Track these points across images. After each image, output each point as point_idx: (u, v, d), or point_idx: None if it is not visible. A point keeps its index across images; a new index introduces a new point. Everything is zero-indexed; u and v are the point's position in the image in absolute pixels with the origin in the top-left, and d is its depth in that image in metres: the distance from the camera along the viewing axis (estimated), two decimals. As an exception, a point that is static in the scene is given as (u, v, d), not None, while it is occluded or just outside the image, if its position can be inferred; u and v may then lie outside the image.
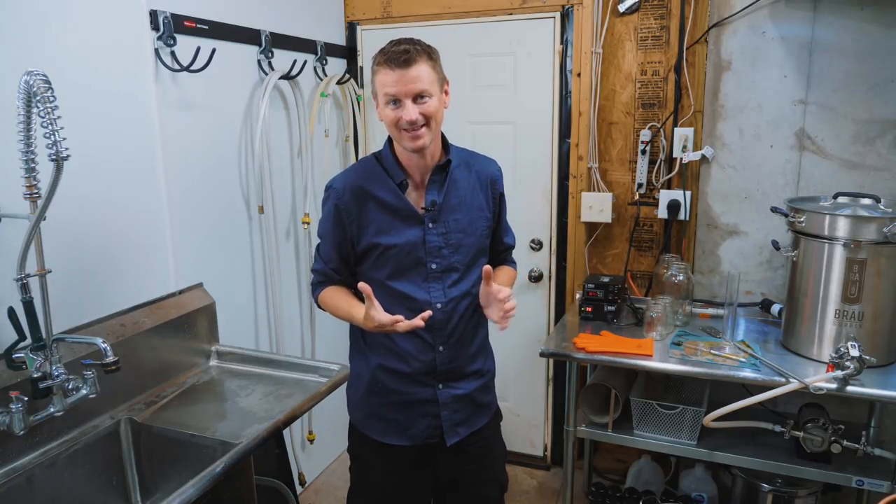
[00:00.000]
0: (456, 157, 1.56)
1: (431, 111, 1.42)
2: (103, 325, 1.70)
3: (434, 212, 1.50)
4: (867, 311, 1.88)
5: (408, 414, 1.58)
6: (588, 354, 2.05)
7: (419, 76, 1.39)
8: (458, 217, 1.53)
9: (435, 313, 1.51)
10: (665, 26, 2.42)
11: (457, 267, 1.54)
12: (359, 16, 2.86)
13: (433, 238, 1.51)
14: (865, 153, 2.20)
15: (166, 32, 1.86)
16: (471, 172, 1.58)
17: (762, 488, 2.15)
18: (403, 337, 1.52)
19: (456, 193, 1.54)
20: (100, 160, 1.70)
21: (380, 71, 1.41)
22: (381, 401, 1.59)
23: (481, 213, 1.58)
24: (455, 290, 1.54)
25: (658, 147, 2.49)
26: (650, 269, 2.60)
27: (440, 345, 1.55)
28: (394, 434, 1.59)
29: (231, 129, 2.21)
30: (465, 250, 1.54)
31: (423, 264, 1.51)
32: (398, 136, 1.44)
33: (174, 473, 1.63)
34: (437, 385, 1.57)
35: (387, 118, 1.43)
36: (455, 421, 1.59)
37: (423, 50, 1.42)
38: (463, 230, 1.54)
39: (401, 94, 1.39)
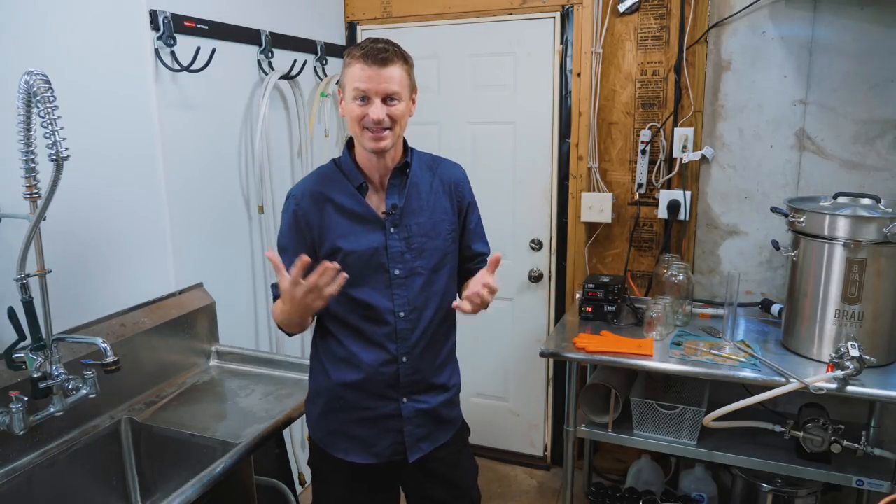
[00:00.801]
0: (417, 160, 1.53)
1: (398, 114, 1.40)
2: (103, 325, 1.70)
3: (395, 215, 1.46)
4: (867, 311, 1.87)
5: (371, 430, 1.50)
6: (588, 354, 2.05)
7: (393, 77, 1.37)
8: (420, 220, 1.48)
9: (398, 322, 1.46)
10: (665, 26, 2.42)
11: (420, 272, 1.48)
12: (359, 16, 2.86)
13: (395, 243, 1.45)
14: (865, 153, 2.20)
15: (166, 32, 1.86)
16: (434, 176, 1.54)
17: (762, 488, 2.15)
18: (364, 348, 1.47)
19: (417, 196, 1.49)
20: (100, 160, 1.71)
21: (353, 65, 1.37)
22: (343, 417, 1.51)
23: (445, 217, 1.52)
24: (420, 297, 1.48)
25: (658, 147, 2.49)
26: (650, 269, 2.60)
27: (403, 355, 1.48)
28: (357, 452, 1.51)
29: (231, 129, 2.21)
30: (429, 254, 1.49)
31: (385, 270, 1.45)
32: (360, 134, 1.40)
33: (174, 473, 1.63)
34: (401, 399, 1.50)
35: (352, 114, 1.39)
36: (418, 436, 1.53)
37: (401, 53, 1.40)
38: (426, 234, 1.48)
39: (371, 92, 1.36)
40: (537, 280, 2.80)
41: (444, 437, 1.58)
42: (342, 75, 1.42)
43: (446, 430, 1.59)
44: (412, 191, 1.49)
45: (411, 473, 1.58)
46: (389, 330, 1.46)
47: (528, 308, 2.84)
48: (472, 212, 1.61)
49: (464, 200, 1.58)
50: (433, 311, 1.51)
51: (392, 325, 1.46)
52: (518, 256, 2.82)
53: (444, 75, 2.77)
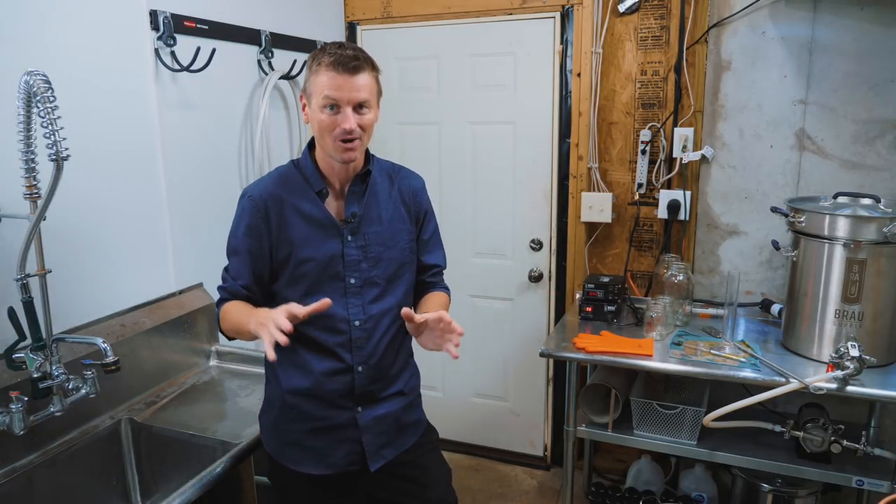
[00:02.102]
0: (377, 167, 1.50)
1: (368, 123, 1.37)
2: (103, 325, 1.70)
3: (354, 224, 1.43)
4: (867, 311, 1.87)
5: (325, 441, 1.46)
6: (588, 354, 2.05)
7: (364, 85, 1.34)
8: (378, 229, 1.45)
9: (353, 331, 1.43)
10: (665, 26, 2.42)
11: (377, 281, 1.45)
12: (359, 16, 2.86)
13: (351, 251, 1.42)
14: (865, 153, 2.20)
15: (166, 32, 1.86)
16: (393, 185, 1.51)
17: (762, 488, 2.16)
18: (317, 357, 1.43)
19: (376, 205, 1.46)
20: (100, 160, 1.71)
21: (321, 72, 1.32)
22: (296, 427, 1.47)
23: (403, 227, 1.50)
24: (375, 306, 1.45)
25: (658, 147, 2.49)
26: (650, 269, 2.60)
27: (359, 364, 1.44)
28: (310, 463, 1.47)
29: (231, 128, 2.21)
30: (386, 264, 1.46)
31: (340, 279, 1.42)
32: (329, 144, 1.36)
33: (174, 473, 1.63)
34: (356, 408, 1.46)
35: (320, 123, 1.34)
36: (379, 444, 1.48)
37: (369, 60, 1.37)
38: (383, 243, 1.46)
39: (342, 101, 1.32)
40: (537, 280, 2.80)
41: (409, 441, 1.55)
42: (307, 82, 1.38)
43: (410, 433, 1.56)
44: (371, 199, 1.46)
45: (378, 481, 1.52)
46: (344, 339, 1.43)
47: (528, 308, 2.84)
48: (428, 222, 1.58)
49: (421, 210, 1.55)
50: (390, 320, 1.47)
51: (347, 334, 1.43)
52: (518, 256, 2.82)
53: (444, 75, 2.77)
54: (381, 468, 1.49)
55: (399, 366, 1.53)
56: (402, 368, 1.55)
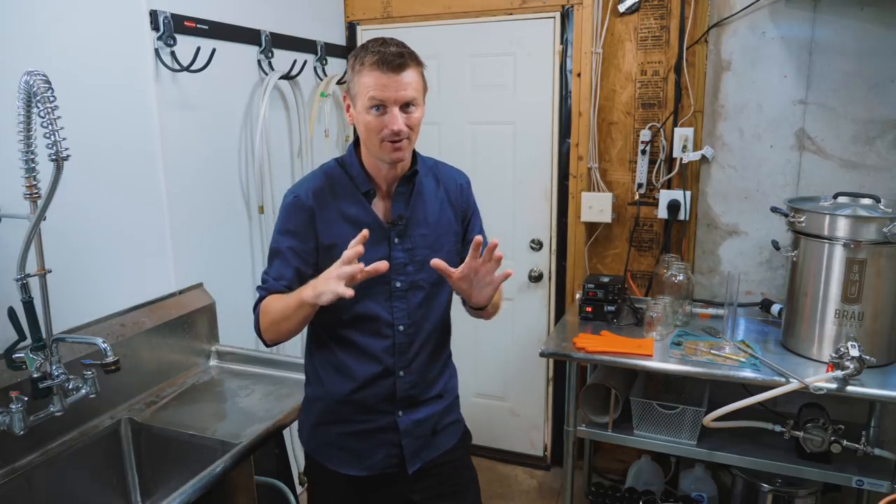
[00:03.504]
0: (423, 166, 1.45)
1: (416, 122, 1.32)
2: (103, 325, 1.70)
3: (401, 226, 1.39)
4: (867, 311, 1.87)
5: (365, 443, 1.45)
6: (588, 354, 2.05)
7: (410, 83, 1.28)
8: (424, 232, 1.41)
9: (397, 336, 1.40)
10: (665, 26, 2.41)
11: (422, 285, 1.42)
12: (359, 16, 2.86)
13: (398, 254, 1.39)
14: (865, 153, 2.20)
15: (166, 32, 1.86)
16: (439, 185, 1.47)
17: (762, 488, 2.15)
18: (359, 362, 1.41)
19: (423, 207, 1.42)
20: (100, 160, 1.71)
21: (366, 72, 1.27)
22: (336, 430, 1.46)
23: (449, 229, 1.46)
24: (420, 310, 1.42)
25: (658, 147, 2.49)
26: (650, 269, 2.60)
27: (401, 369, 1.42)
28: (350, 464, 1.46)
29: (231, 129, 2.21)
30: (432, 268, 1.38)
31: (386, 282, 1.38)
32: (377, 145, 1.31)
33: (174, 473, 1.63)
34: (397, 412, 1.44)
35: (367, 125, 1.30)
36: (417, 447, 1.47)
37: (414, 56, 1.32)
38: (430, 246, 1.41)
39: (389, 101, 1.27)
40: (537, 280, 2.80)
41: (447, 444, 1.54)
42: (351, 82, 1.32)
43: (448, 436, 1.54)
44: (417, 200, 1.42)
45: (414, 483, 1.50)
46: (388, 344, 1.41)
47: (528, 308, 2.84)
48: (476, 220, 1.54)
49: (468, 208, 1.51)
50: (432, 324, 1.46)
51: (391, 339, 1.41)
52: (518, 256, 2.82)
53: (444, 75, 2.77)
54: (418, 471, 1.48)
55: (438, 369, 1.51)
56: (442, 371, 1.52)
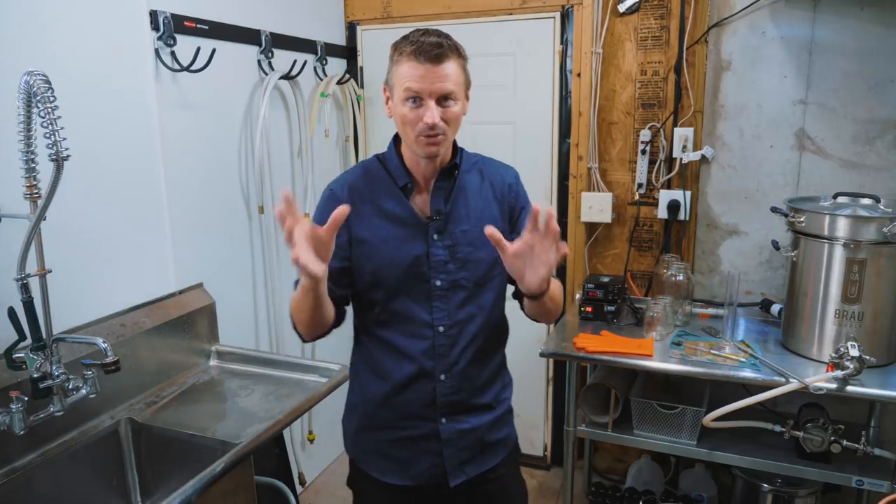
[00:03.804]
0: (466, 161, 1.40)
1: (453, 116, 1.26)
2: (103, 325, 1.70)
3: (440, 221, 1.33)
4: (867, 311, 1.87)
5: (408, 451, 1.40)
6: (588, 354, 2.05)
7: (448, 75, 1.23)
8: (466, 228, 1.35)
9: (436, 337, 1.35)
10: (665, 26, 2.41)
11: (464, 284, 1.35)
12: (359, 16, 2.86)
13: (438, 251, 1.33)
14: (865, 153, 2.20)
15: (166, 32, 1.86)
16: (483, 180, 1.40)
17: (762, 488, 2.15)
18: (398, 364, 1.37)
19: (465, 202, 1.36)
20: (100, 160, 1.71)
21: (403, 62, 1.22)
22: (378, 436, 1.42)
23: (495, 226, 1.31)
24: (462, 311, 1.35)
25: (658, 147, 2.49)
26: (650, 269, 2.60)
27: (441, 373, 1.36)
28: (394, 473, 1.42)
29: (231, 129, 2.21)
30: (474, 266, 1.35)
31: (425, 280, 1.33)
32: (412, 138, 1.27)
33: (174, 473, 1.63)
34: (440, 419, 1.38)
35: (402, 117, 1.25)
36: (461, 459, 1.40)
37: (455, 47, 1.26)
38: (472, 243, 1.34)
39: (425, 93, 1.22)
40: (537, 280, 2.79)
41: (494, 460, 1.46)
42: (389, 73, 1.28)
43: (495, 452, 1.46)
44: (459, 195, 1.36)
45: (456, 499, 1.44)
46: (427, 345, 1.35)
47: (528, 308, 2.83)
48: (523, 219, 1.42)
49: (516, 205, 1.42)
50: (477, 326, 1.38)
51: (430, 340, 1.35)
52: (518, 256, 2.81)
53: (444, 75, 2.77)
54: (462, 485, 1.42)
55: (487, 376, 1.43)
56: (492, 379, 1.45)
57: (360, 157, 2.91)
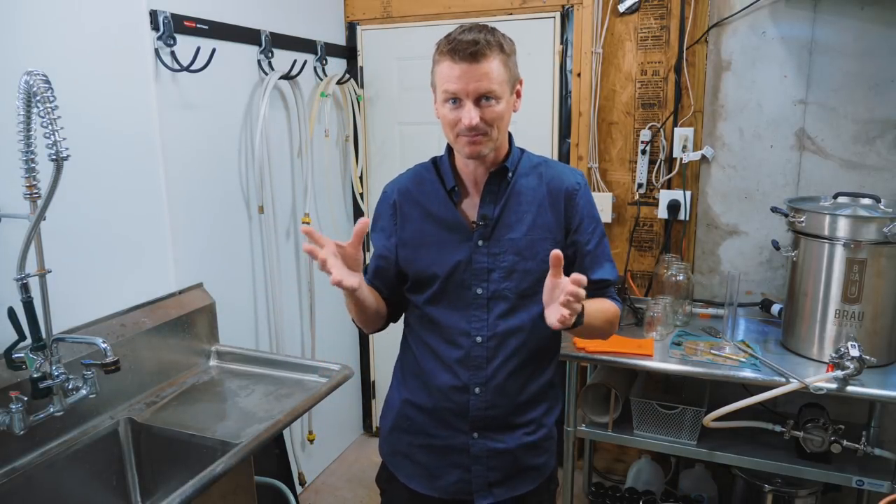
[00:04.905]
0: (526, 163, 1.34)
1: (495, 116, 1.20)
2: (103, 325, 1.70)
3: (486, 227, 1.28)
4: (867, 311, 1.87)
5: (437, 460, 1.36)
6: (588, 354, 2.05)
7: (487, 73, 1.17)
8: (515, 236, 1.28)
9: (473, 348, 1.29)
10: (665, 26, 2.41)
11: (506, 295, 1.29)
12: (359, 16, 2.86)
13: (481, 258, 1.28)
14: (865, 153, 2.20)
15: (166, 32, 1.85)
16: (541, 184, 1.32)
17: (762, 488, 2.15)
18: (436, 370, 1.33)
19: (517, 208, 1.29)
20: (100, 160, 1.70)
21: (441, 62, 1.19)
22: (408, 439, 1.39)
23: (547, 235, 1.30)
24: (503, 323, 1.29)
25: (658, 147, 2.49)
26: (650, 269, 2.59)
27: (476, 386, 1.30)
28: (420, 480, 1.38)
29: (231, 129, 2.21)
30: (520, 276, 1.29)
31: (466, 287, 1.29)
32: (454, 139, 1.24)
33: (174, 473, 1.63)
34: (472, 433, 1.33)
35: (444, 119, 1.23)
36: (490, 479, 1.34)
37: (496, 42, 1.19)
38: (519, 252, 1.28)
39: (461, 93, 1.17)
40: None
41: (526, 487, 1.38)
42: (432, 72, 1.25)
43: (529, 478, 1.39)
44: (511, 200, 1.30)
45: None
46: (462, 354, 1.30)
47: (528, 308, 2.83)
48: (589, 229, 1.34)
49: (575, 215, 1.33)
50: (520, 341, 1.31)
51: (465, 350, 1.30)
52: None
53: (444, 75, 2.77)
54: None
55: (529, 395, 1.35)
56: (535, 400, 1.36)
57: (359, 156, 2.92)
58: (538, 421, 1.38)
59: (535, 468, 1.39)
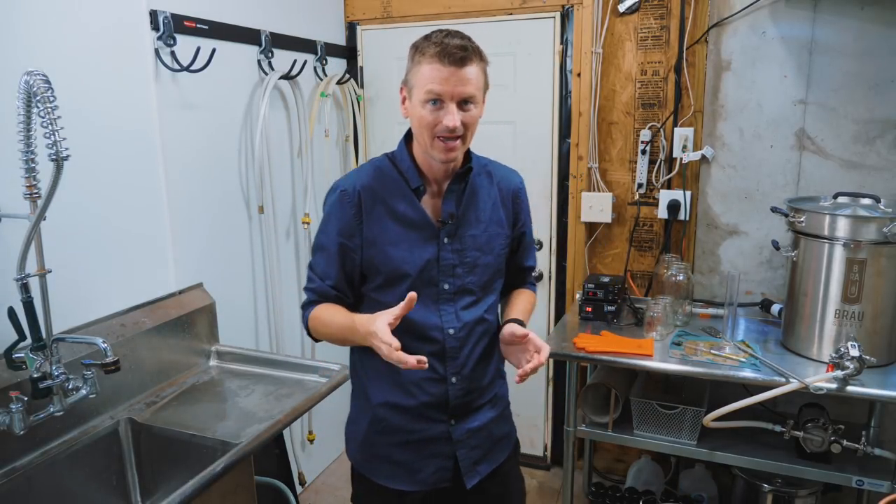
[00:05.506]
0: (476, 164, 1.39)
1: (472, 120, 1.26)
2: (103, 325, 1.70)
3: (451, 225, 1.33)
4: (867, 311, 1.87)
5: (416, 455, 1.40)
6: (588, 354, 2.05)
7: (470, 79, 1.22)
8: (475, 233, 1.36)
9: (447, 340, 1.35)
10: (665, 26, 2.41)
11: (471, 289, 1.37)
12: (359, 16, 2.86)
13: (447, 255, 1.33)
14: (865, 153, 2.20)
15: (166, 32, 1.86)
16: (492, 184, 1.41)
17: (762, 488, 2.15)
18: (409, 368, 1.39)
19: (475, 206, 1.36)
20: (100, 160, 1.71)
21: (425, 63, 1.21)
22: (386, 441, 1.41)
23: (501, 231, 1.41)
24: (469, 313, 1.37)
25: (658, 147, 2.49)
26: (650, 269, 2.60)
27: (452, 375, 1.37)
28: (401, 478, 1.41)
29: (231, 129, 2.21)
30: (481, 270, 1.37)
31: (434, 284, 1.33)
32: (428, 141, 1.26)
33: (174, 473, 1.63)
34: (450, 420, 1.39)
35: (421, 119, 1.24)
36: (474, 458, 1.41)
37: (478, 50, 1.26)
38: (480, 248, 1.36)
39: (446, 96, 1.21)
40: (537, 280, 2.80)
41: (502, 457, 1.48)
42: (409, 73, 1.27)
43: (502, 447, 1.49)
44: (470, 200, 1.36)
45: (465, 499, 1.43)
46: (437, 348, 1.35)
47: (528, 308, 2.83)
48: (528, 223, 1.50)
49: (520, 211, 1.46)
50: (483, 328, 1.40)
51: (440, 343, 1.35)
52: (518, 256, 2.82)
53: (444, 75, 2.77)
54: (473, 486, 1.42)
55: (491, 375, 1.45)
56: (494, 378, 1.47)
57: (360, 156, 2.91)
58: (498, 394, 1.50)
59: (505, 436, 1.51)
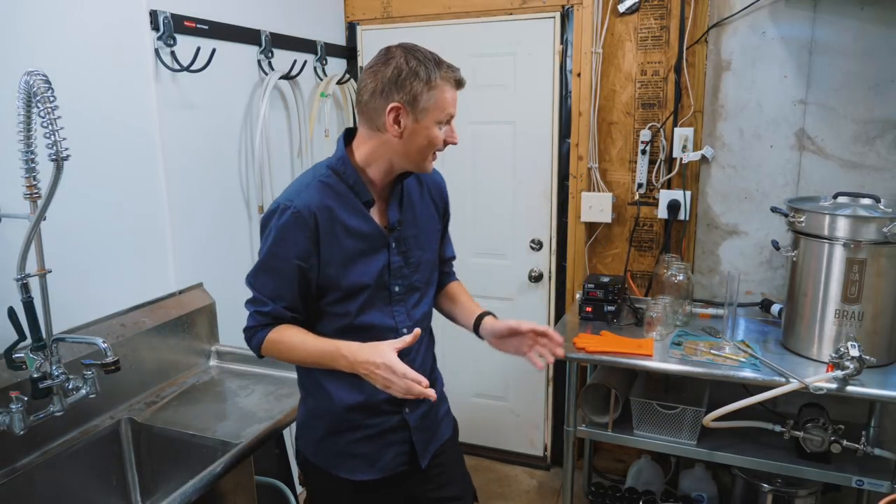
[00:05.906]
0: None
1: None
2: (103, 325, 1.70)
3: (399, 231, 1.40)
4: (867, 311, 1.87)
5: (375, 446, 1.44)
6: (588, 354, 2.05)
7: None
8: (415, 233, 1.43)
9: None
10: (665, 26, 2.42)
11: (417, 286, 1.44)
12: (359, 16, 2.86)
13: (396, 258, 1.39)
14: (865, 153, 2.20)
15: (166, 32, 1.86)
16: (422, 185, 1.48)
17: (762, 488, 2.16)
18: None
19: (411, 208, 1.43)
20: (100, 160, 1.71)
21: (445, 87, 1.27)
22: (346, 438, 1.44)
23: (434, 226, 1.49)
24: (418, 311, 1.44)
25: (658, 147, 2.49)
26: (650, 269, 2.60)
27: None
28: (362, 469, 1.45)
29: (231, 129, 2.21)
30: (424, 267, 1.45)
31: (386, 288, 1.38)
32: (425, 157, 1.33)
33: (174, 473, 1.63)
34: (404, 409, 1.45)
35: (433, 139, 1.30)
36: (426, 440, 1.50)
37: None
38: (421, 246, 1.44)
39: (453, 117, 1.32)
40: (537, 280, 2.80)
41: (447, 433, 1.58)
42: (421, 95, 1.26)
43: (445, 425, 1.59)
44: (407, 202, 1.43)
45: (419, 479, 1.50)
46: None
47: (528, 308, 2.84)
48: (448, 216, 1.58)
49: (447, 206, 1.56)
50: (428, 321, 1.49)
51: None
52: (518, 256, 2.82)
53: (444, 75, 2.77)
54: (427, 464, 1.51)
55: (431, 363, 1.56)
56: (434, 361, 1.58)
57: (360, 157, 2.91)
58: (437, 377, 1.59)
59: (446, 415, 1.61)
